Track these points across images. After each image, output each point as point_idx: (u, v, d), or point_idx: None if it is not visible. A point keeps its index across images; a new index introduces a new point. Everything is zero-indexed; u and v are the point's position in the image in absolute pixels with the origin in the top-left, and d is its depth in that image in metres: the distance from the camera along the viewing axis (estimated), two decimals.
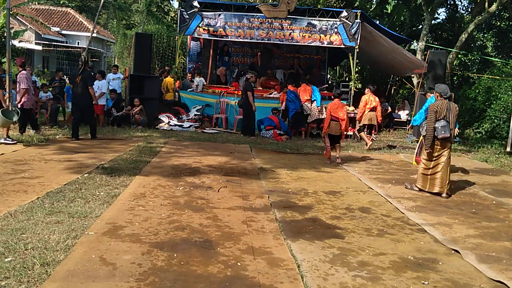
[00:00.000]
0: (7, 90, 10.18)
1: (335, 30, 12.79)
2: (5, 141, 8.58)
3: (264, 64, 15.23)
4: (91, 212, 4.64)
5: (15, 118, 8.75)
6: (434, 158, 6.47)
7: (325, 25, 12.84)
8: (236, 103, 12.23)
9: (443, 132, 6.29)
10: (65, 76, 13.67)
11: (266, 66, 15.09)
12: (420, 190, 6.57)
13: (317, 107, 12.00)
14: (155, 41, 18.12)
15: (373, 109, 10.59)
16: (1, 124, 8.74)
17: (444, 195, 6.38)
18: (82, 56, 10.36)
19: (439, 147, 6.45)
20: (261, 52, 15.39)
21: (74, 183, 5.78)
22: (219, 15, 12.94)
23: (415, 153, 8.46)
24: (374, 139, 11.95)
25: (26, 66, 9.68)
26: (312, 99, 12.09)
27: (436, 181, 6.44)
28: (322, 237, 4.40)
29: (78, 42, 29.23)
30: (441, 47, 17.84)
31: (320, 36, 12.90)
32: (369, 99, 10.59)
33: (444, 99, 6.47)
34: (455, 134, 6.48)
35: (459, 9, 24.07)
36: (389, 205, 5.76)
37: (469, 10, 23.30)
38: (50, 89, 13.03)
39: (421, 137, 7.44)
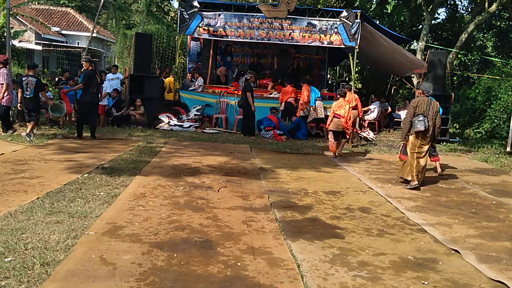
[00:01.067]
0: None
1: (335, 30, 12.78)
2: (28, 137, 8.89)
3: (280, 67, 14.73)
4: (91, 212, 4.64)
5: (64, 111, 9.45)
6: (416, 151, 6.87)
7: (325, 25, 12.83)
8: (236, 103, 12.23)
9: (418, 126, 6.73)
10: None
11: (283, 70, 14.63)
12: (405, 180, 6.99)
13: (311, 106, 12.06)
14: (155, 41, 18.12)
15: (354, 108, 10.74)
16: (53, 117, 9.54)
17: (414, 183, 6.74)
18: (88, 57, 10.37)
19: (418, 141, 6.87)
20: (278, 55, 14.98)
21: (74, 183, 5.78)
22: (219, 15, 12.94)
23: (400, 151, 8.32)
24: (374, 139, 11.95)
25: (7, 63, 9.66)
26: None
27: (414, 170, 6.82)
28: (322, 237, 4.40)
29: (78, 42, 29.23)
30: (441, 47, 17.84)
31: (320, 36, 12.89)
32: (350, 98, 10.71)
33: (426, 96, 6.91)
34: (438, 130, 7.02)
35: (459, 9, 24.08)
36: (389, 205, 5.76)
37: (469, 10, 23.30)
38: (56, 90, 13.04)
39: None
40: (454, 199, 6.30)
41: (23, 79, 9.33)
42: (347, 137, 9.60)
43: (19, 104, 9.46)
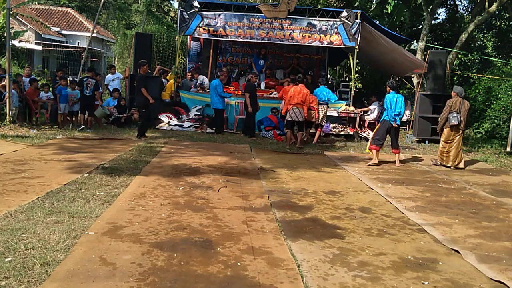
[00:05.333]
0: (7, 90, 10.22)
1: (335, 30, 12.78)
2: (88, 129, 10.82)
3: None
4: (91, 212, 4.64)
5: (107, 112, 11.58)
6: (448, 141, 8.67)
7: (325, 25, 12.83)
8: (237, 103, 12.22)
9: (453, 121, 8.54)
10: (70, 77, 13.58)
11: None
12: (441, 164, 8.76)
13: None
14: (155, 41, 18.10)
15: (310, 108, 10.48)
16: (99, 115, 11.35)
17: (452, 167, 8.58)
18: (142, 61, 10.70)
19: (452, 132, 8.66)
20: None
21: (74, 183, 5.79)
22: (219, 15, 12.94)
23: (369, 142, 8.87)
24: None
25: None
26: None
27: (449, 158, 8.67)
28: (322, 237, 4.40)
29: (78, 42, 29.20)
30: (441, 47, 17.84)
31: (320, 36, 12.89)
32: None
33: (460, 97, 8.64)
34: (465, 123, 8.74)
35: (459, 9, 24.04)
36: (389, 205, 5.76)
37: (469, 10, 23.27)
38: (51, 88, 12.98)
39: (376, 128, 9.00)
40: (454, 199, 6.30)
41: (84, 79, 11.24)
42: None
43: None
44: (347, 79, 17.03)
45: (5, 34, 13.25)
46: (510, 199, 6.44)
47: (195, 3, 12.84)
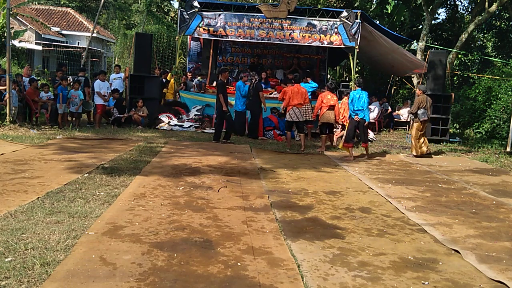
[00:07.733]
0: (7, 90, 10.23)
1: (335, 30, 12.79)
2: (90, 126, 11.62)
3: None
4: (91, 212, 4.64)
5: (92, 107, 11.94)
6: (420, 133, 9.74)
7: (325, 25, 12.84)
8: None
9: (423, 116, 9.65)
10: (70, 78, 13.56)
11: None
12: (415, 156, 9.68)
13: None
14: (155, 41, 18.11)
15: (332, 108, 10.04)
16: (83, 111, 11.76)
17: (427, 151, 9.76)
18: (224, 67, 11.14)
19: (421, 126, 9.76)
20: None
21: (74, 183, 5.78)
22: (219, 15, 12.95)
23: (343, 140, 9.30)
24: (374, 139, 11.93)
25: None
26: None
27: (423, 148, 9.73)
28: (322, 237, 4.40)
29: (78, 42, 29.18)
30: (441, 47, 17.84)
31: (320, 36, 12.90)
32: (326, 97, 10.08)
33: (425, 95, 9.75)
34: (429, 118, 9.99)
35: (459, 9, 24.06)
36: (389, 205, 5.76)
37: (469, 10, 23.28)
38: (51, 89, 12.97)
39: (346, 126, 9.37)
40: (454, 199, 6.29)
41: (75, 79, 12.30)
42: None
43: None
44: (347, 79, 17.03)
45: (5, 34, 13.25)
46: (510, 199, 6.44)
47: (195, 3, 12.85)
